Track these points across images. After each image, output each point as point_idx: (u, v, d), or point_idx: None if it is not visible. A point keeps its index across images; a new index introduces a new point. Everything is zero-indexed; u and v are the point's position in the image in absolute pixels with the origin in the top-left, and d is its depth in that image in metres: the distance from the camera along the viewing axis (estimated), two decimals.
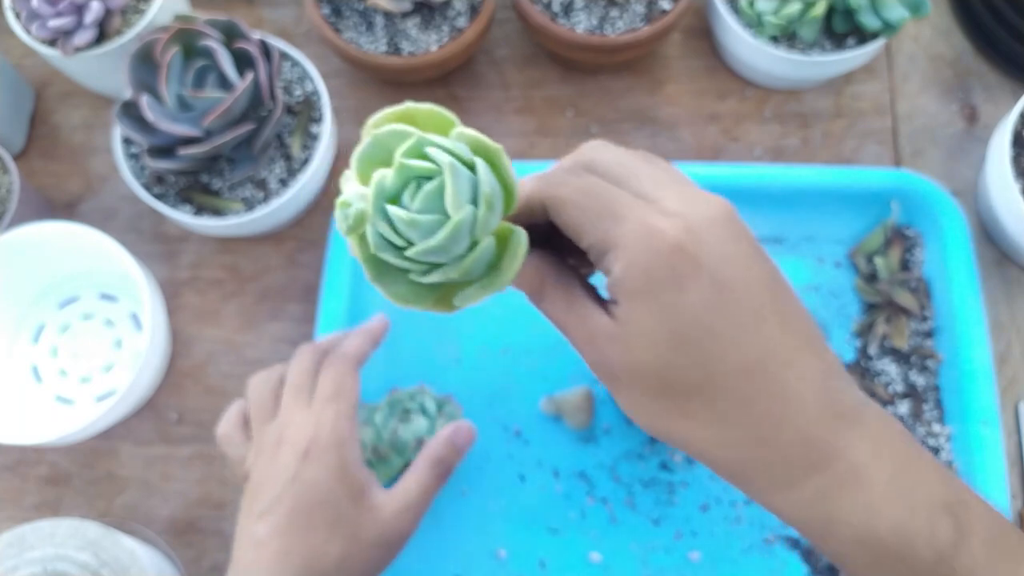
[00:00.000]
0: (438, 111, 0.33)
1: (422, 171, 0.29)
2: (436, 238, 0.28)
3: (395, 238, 0.29)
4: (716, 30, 0.66)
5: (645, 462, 0.58)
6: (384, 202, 0.29)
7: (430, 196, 0.29)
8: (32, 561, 0.48)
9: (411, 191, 0.29)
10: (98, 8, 0.57)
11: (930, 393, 0.57)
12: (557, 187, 0.32)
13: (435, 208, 0.29)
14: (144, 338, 0.55)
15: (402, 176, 0.29)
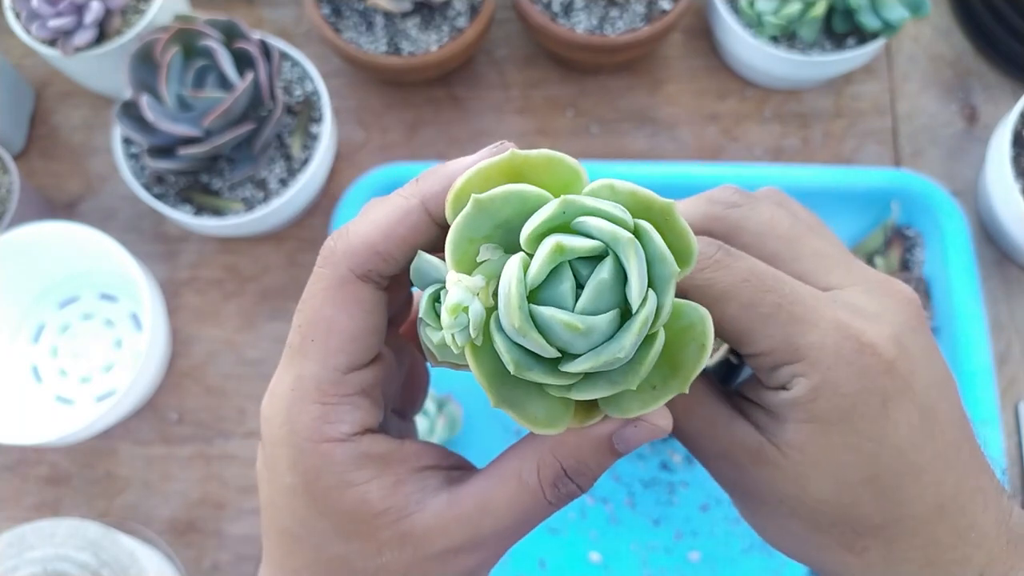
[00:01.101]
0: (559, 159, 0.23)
1: (584, 251, 0.21)
2: (620, 345, 0.20)
3: (547, 348, 0.21)
4: (716, 30, 0.66)
5: (645, 462, 0.58)
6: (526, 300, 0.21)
7: (603, 288, 0.21)
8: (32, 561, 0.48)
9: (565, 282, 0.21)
10: (98, 8, 0.57)
11: None
12: (708, 271, 0.24)
13: (607, 302, 0.21)
14: (144, 338, 0.55)
15: (553, 260, 0.20)
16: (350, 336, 0.24)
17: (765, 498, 0.25)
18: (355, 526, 0.24)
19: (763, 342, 0.24)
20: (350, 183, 0.62)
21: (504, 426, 0.59)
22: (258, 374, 0.61)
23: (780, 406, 0.24)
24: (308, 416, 0.23)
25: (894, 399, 0.24)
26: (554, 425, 0.22)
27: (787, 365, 0.24)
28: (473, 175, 0.22)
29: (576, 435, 0.24)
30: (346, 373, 0.24)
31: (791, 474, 0.24)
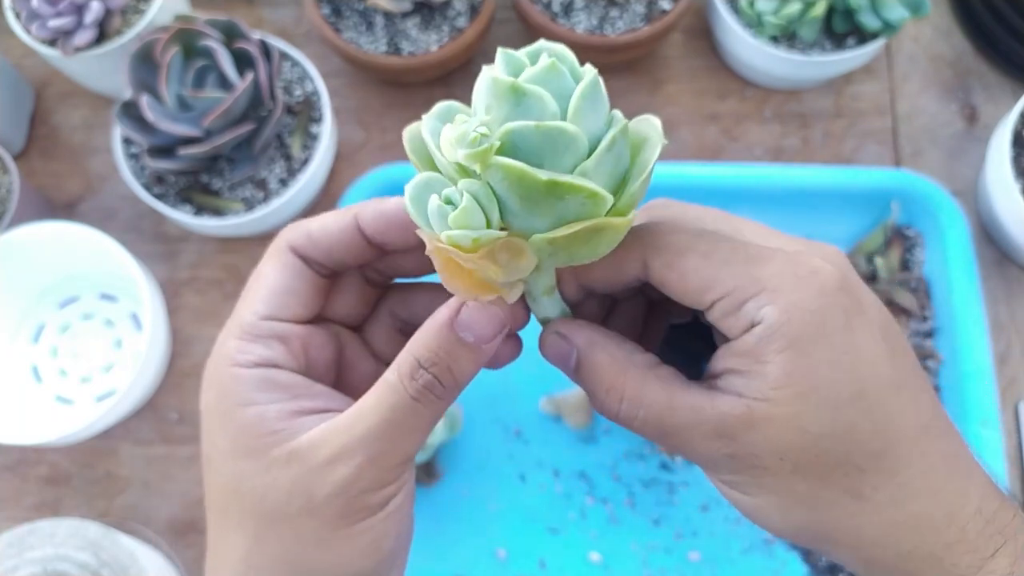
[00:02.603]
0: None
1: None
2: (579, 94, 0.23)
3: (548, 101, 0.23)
4: (716, 30, 0.66)
5: (645, 462, 0.58)
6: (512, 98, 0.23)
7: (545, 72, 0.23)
8: (32, 561, 0.48)
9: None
10: (98, 8, 0.57)
11: None
12: (668, 234, 0.26)
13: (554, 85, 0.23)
14: (144, 338, 0.55)
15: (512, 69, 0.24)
16: (272, 290, 0.28)
17: (765, 463, 0.25)
18: (250, 442, 0.25)
19: (726, 282, 0.25)
20: (350, 183, 0.62)
21: (504, 426, 0.59)
22: None
23: (756, 344, 0.24)
24: (227, 347, 0.27)
25: (853, 315, 0.24)
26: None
27: (752, 299, 0.24)
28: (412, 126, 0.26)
29: (424, 327, 0.26)
30: (263, 319, 0.28)
31: (785, 419, 0.24)
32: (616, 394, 0.26)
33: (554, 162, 0.23)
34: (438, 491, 0.58)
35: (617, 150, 0.24)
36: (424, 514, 0.58)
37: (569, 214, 0.23)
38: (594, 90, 0.23)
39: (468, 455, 0.59)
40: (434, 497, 0.58)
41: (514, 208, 0.23)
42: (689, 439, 0.25)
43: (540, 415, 0.59)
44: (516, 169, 0.22)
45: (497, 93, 0.23)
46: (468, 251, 0.23)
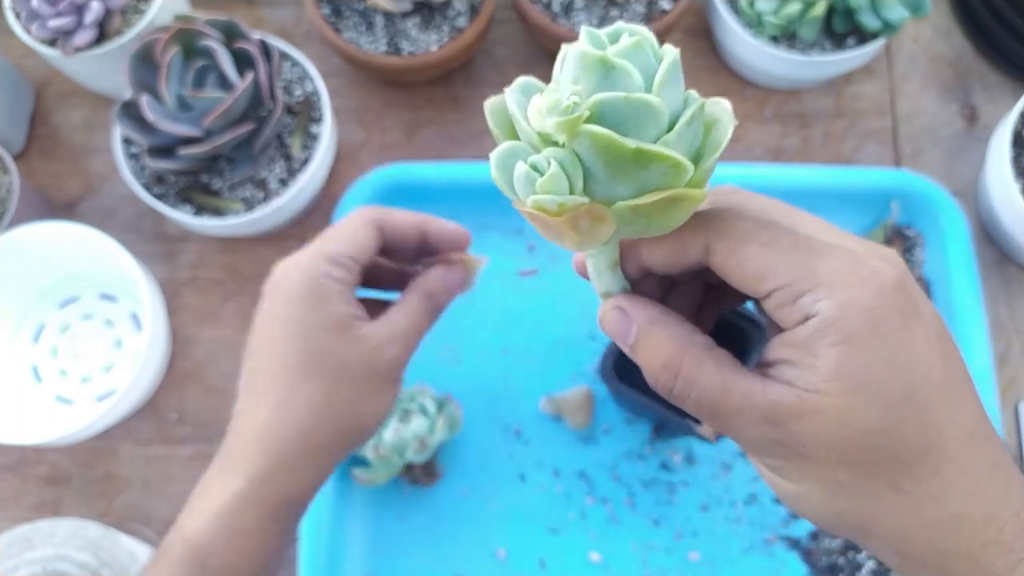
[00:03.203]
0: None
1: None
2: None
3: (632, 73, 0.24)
4: (716, 30, 0.66)
5: (645, 462, 0.58)
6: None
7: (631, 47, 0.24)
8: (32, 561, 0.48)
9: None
10: (98, 8, 0.57)
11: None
12: (731, 221, 0.27)
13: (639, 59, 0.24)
14: (144, 338, 0.55)
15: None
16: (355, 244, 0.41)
17: (811, 452, 0.25)
18: (335, 327, 0.38)
19: (784, 274, 0.25)
20: (350, 183, 0.62)
21: (504, 426, 0.59)
22: None
23: (810, 337, 0.25)
24: (318, 264, 0.39)
25: (909, 316, 0.25)
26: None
27: (808, 292, 0.25)
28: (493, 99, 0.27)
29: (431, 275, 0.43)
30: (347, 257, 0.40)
31: (834, 411, 0.24)
32: (672, 371, 0.27)
33: (638, 133, 0.24)
34: (438, 491, 0.58)
35: (695, 126, 0.25)
36: (424, 514, 0.58)
37: (651, 183, 0.24)
38: (675, 68, 0.24)
39: (468, 455, 0.59)
40: (434, 497, 0.58)
41: (598, 175, 0.24)
42: (739, 422, 0.26)
43: (540, 415, 0.59)
44: (605, 136, 0.23)
45: (586, 66, 0.23)
46: (553, 215, 0.24)
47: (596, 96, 0.23)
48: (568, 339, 0.61)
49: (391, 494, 0.58)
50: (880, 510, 0.26)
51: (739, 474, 0.58)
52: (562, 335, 0.61)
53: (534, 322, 0.61)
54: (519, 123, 0.25)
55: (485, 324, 0.61)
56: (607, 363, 0.52)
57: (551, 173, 0.24)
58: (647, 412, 0.54)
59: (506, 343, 0.61)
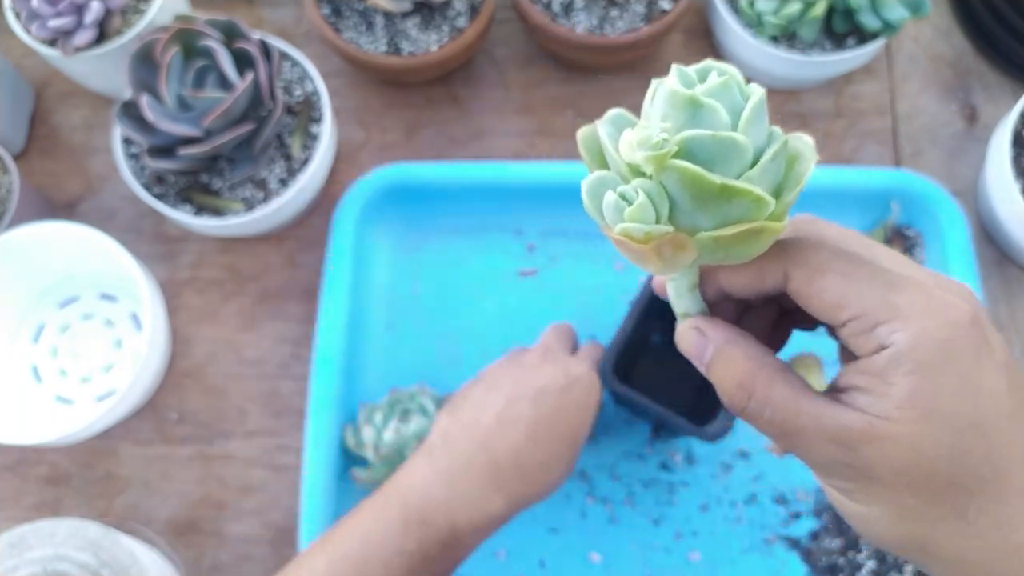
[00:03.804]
0: None
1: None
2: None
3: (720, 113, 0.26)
4: (716, 30, 0.66)
5: (645, 462, 0.58)
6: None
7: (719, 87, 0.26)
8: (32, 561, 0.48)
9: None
10: (98, 8, 0.57)
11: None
12: (810, 250, 0.28)
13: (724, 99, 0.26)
14: (144, 338, 0.55)
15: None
16: None
17: (880, 476, 0.26)
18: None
19: (862, 304, 0.26)
20: (350, 183, 0.62)
21: None
22: (258, 374, 0.62)
23: (885, 366, 0.26)
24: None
25: (981, 348, 0.26)
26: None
27: (884, 323, 0.26)
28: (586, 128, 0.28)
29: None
30: None
31: (906, 438, 0.25)
32: (746, 391, 0.28)
33: (723, 168, 0.25)
34: None
35: (778, 161, 0.26)
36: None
37: (733, 216, 0.26)
38: (761, 107, 0.26)
39: None
40: None
41: (683, 207, 0.26)
42: (809, 443, 0.27)
43: None
44: (692, 171, 0.24)
45: (676, 103, 0.25)
46: (639, 242, 0.26)
47: (685, 133, 0.25)
48: None
49: None
50: (943, 536, 0.27)
51: (739, 474, 0.58)
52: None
53: (534, 322, 0.61)
54: (610, 153, 0.27)
55: (485, 324, 0.61)
56: (607, 363, 0.52)
57: (639, 203, 0.25)
58: (647, 412, 0.54)
59: (506, 343, 0.61)
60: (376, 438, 0.54)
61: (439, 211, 0.63)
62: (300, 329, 0.62)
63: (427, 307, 0.62)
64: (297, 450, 0.59)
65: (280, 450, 0.60)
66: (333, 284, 0.60)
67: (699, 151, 0.25)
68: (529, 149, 0.66)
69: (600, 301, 0.62)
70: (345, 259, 0.60)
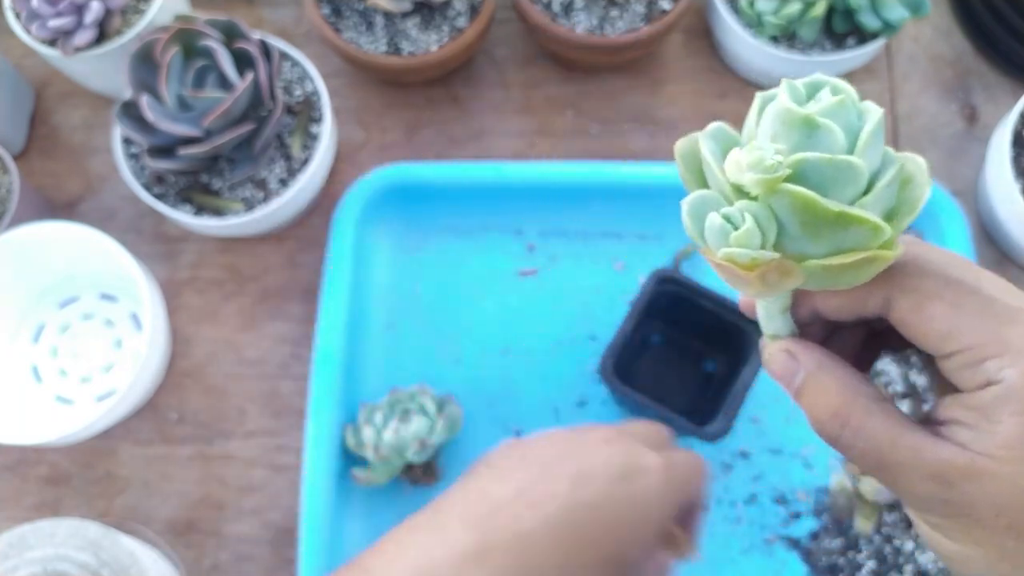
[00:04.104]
0: None
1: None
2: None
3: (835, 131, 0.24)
4: (716, 30, 0.66)
5: None
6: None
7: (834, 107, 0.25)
8: (32, 561, 0.48)
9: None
10: (98, 8, 0.57)
11: (930, 393, 0.57)
12: (916, 277, 0.26)
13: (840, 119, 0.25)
14: (144, 338, 0.55)
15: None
16: None
17: (980, 515, 0.25)
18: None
19: (970, 336, 0.25)
20: (350, 183, 0.62)
21: (504, 426, 0.59)
22: (258, 374, 0.62)
23: (991, 403, 0.25)
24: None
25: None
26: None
27: (994, 358, 0.25)
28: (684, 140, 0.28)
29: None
30: None
31: (1009, 478, 0.24)
32: (840, 420, 0.27)
33: (837, 193, 0.24)
34: (438, 491, 0.58)
35: (892, 187, 0.25)
36: None
37: (845, 243, 0.24)
38: (879, 129, 0.24)
39: (468, 455, 0.58)
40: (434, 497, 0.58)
41: (793, 232, 0.24)
42: (906, 478, 0.26)
43: (540, 415, 0.59)
44: (806, 197, 0.23)
45: (789, 123, 0.24)
46: (744, 268, 0.25)
47: (799, 155, 0.23)
48: (568, 339, 0.61)
49: (391, 494, 0.58)
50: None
51: (739, 474, 0.58)
52: (562, 335, 0.61)
53: (534, 322, 0.61)
54: (712, 171, 0.25)
55: (485, 324, 0.61)
56: (607, 363, 0.52)
57: (746, 228, 0.24)
58: (647, 412, 0.54)
59: (506, 343, 0.61)
60: (376, 438, 0.54)
61: (439, 211, 0.63)
62: (300, 329, 0.62)
63: (427, 307, 0.62)
64: (297, 450, 0.59)
65: (280, 450, 0.60)
66: (333, 284, 0.60)
67: (812, 175, 0.24)
68: (529, 149, 0.66)
69: (600, 301, 0.62)
70: (345, 259, 0.60)
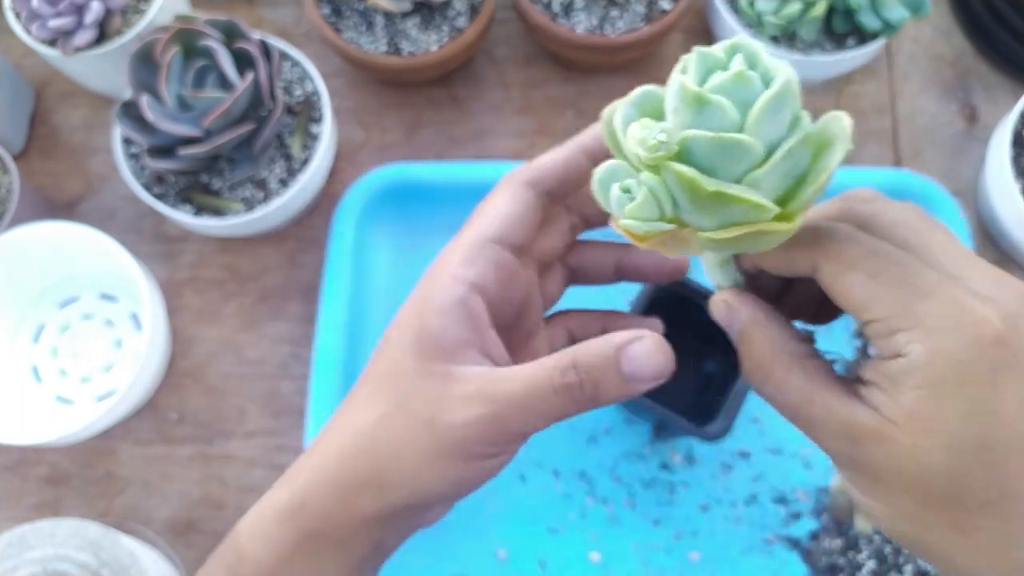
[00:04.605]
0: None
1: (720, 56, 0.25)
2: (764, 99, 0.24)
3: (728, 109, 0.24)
4: (716, 30, 0.66)
5: (645, 462, 0.58)
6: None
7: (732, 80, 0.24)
8: (32, 561, 0.48)
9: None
10: (98, 8, 0.57)
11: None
12: (841, 244, 0.27)
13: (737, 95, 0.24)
14: (144, 338, 0.55)
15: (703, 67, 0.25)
16: (502, 215, 0.31)
17: (881, 475, 0.26)
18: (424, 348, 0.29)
19: (883, 307, 0.26)
20: (350, 183, 0.62)
21: None
22: (258, 374, 0.62)
23: (896, 373, 0.26)
24: (452, 256, 0.31)
25: (1003, 371, 0.25)
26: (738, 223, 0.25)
27: (903, 331, 0.25)
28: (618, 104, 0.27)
29: (598, 340, 0.28)
30: (490, 240, 0.31)
31: (907, 447, 0.25)
32: (762, 373, 0.28)
33: (727, 169, 0.24)
34: None
35: (794, 158, 0.25)
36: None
37: (733, 217, 0.25)
38: (779, 99, 0.24)
39: None
40: None
41: (684, 206, 0.25)
42: (820, 434, 0.27)
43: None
44: (686, 176, 0.24)
45: (683, 99, 0.24)
46: (639, 239, 0.26)
47: (684, 133, 0.24)
48: None
49: None
50: (938, 542, 0.27)
51: (739, 474, 0.58)
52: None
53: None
54: (622, 142, 0.26)
55: None
56: None
57: (639, 202, 0.25)
58: (647, 412, 0.54)
59: None
60: None
61: (439, 211, 0.63)
62: (300, 329, 0.62)
63: None
64: (297, 450, 0.59)
65: (280, 450, 0.60)
66: (333, 284, 0.60)
67: (700, 152, 0.24)
68: (529, 149, 0.66)
69: (600, 301, 0.61)
70: (345, 259, 0.60)
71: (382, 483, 0.29)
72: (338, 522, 0.30)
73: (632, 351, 0.27)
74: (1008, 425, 0.25)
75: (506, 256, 0.31)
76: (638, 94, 0.26)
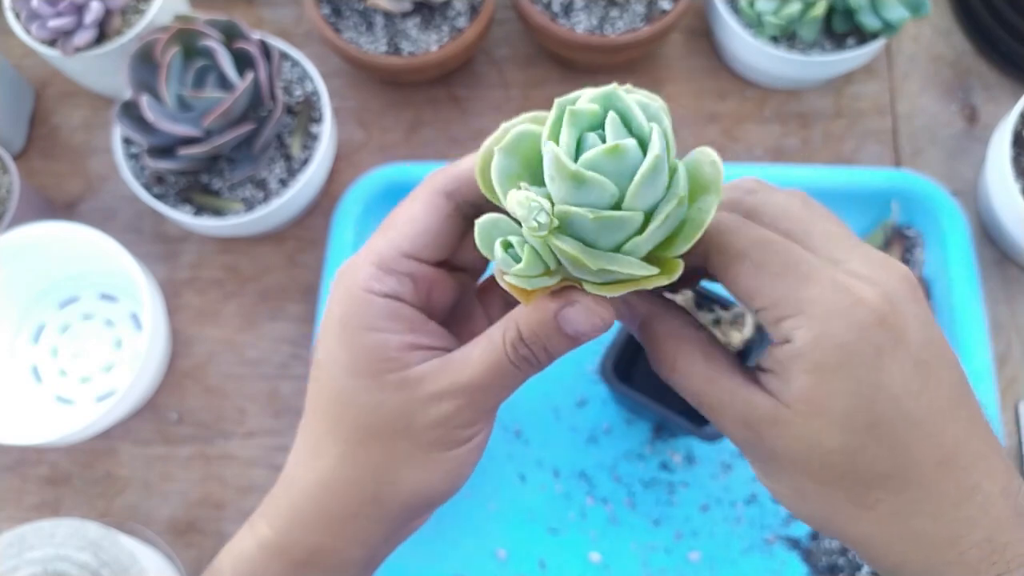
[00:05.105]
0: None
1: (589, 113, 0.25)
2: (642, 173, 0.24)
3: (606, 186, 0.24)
4: (716, 30, 0.66)
5: (645, 462, 0.58)
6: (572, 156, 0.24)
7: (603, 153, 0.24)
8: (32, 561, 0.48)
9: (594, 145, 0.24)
10: (98, 8, 0.57)
11: None
12: (727, 235, 0.28)
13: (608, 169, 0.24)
14: (144, 338, 0.55)
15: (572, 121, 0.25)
16: (417, 230, 0.30)
17: (780, 459, 0.27)
18: (369, 364, 0.28)
19: (769, 295, 0.27)
20: (350, 183, 0.62)
21: (503, 426, 0.59)
22: (258, 374, 0.62)
23: (785, 359, 0.26)
24: (363, 272, 0.29)
25: (887, 350, 0.26)
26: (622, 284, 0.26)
27: (789, 318, 0.26)
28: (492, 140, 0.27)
29: (534, 307, 0.28)
30: (403, 255, 0.29)
31: (801, 429, 0.26)
32: (668, 362, 0.29)
33: (608, 238, 0.25)
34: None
35: (671, 221, 0.25)
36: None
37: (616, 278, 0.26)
38: (654, 169, 0.24)
39: None
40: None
41: (569, 267, 0.26)
42: (720, 419, 0.28)
43: (540, 415, 0.59)
44: (571, 254, 0.24)
45: (560, 174, 0.24)
46: (525, 295, 0.26)
47: (565, 209, 0.24)
48: None
49: None
50: (843, 520, 0.28)
51: (739, 474, 0.58)
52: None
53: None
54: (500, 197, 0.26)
55: None
56: (607, 363, 0.52)
57: (523, 265, 0.25)
58: (647, 412, 0.54)
59: None
60: None
61: None
62: (300, 329, 0.62)
63: None
64: None
65: (280, 450, 0.60)
66: None
67: (580, 225, 0.24)
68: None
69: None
70: (345, 259, 0.60)
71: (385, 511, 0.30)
72: (331, 549, 0.30)
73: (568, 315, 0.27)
74: (895, 400, 0.26)
75: (423, 269, 0.30)
76: (513, 139, 0.25)
